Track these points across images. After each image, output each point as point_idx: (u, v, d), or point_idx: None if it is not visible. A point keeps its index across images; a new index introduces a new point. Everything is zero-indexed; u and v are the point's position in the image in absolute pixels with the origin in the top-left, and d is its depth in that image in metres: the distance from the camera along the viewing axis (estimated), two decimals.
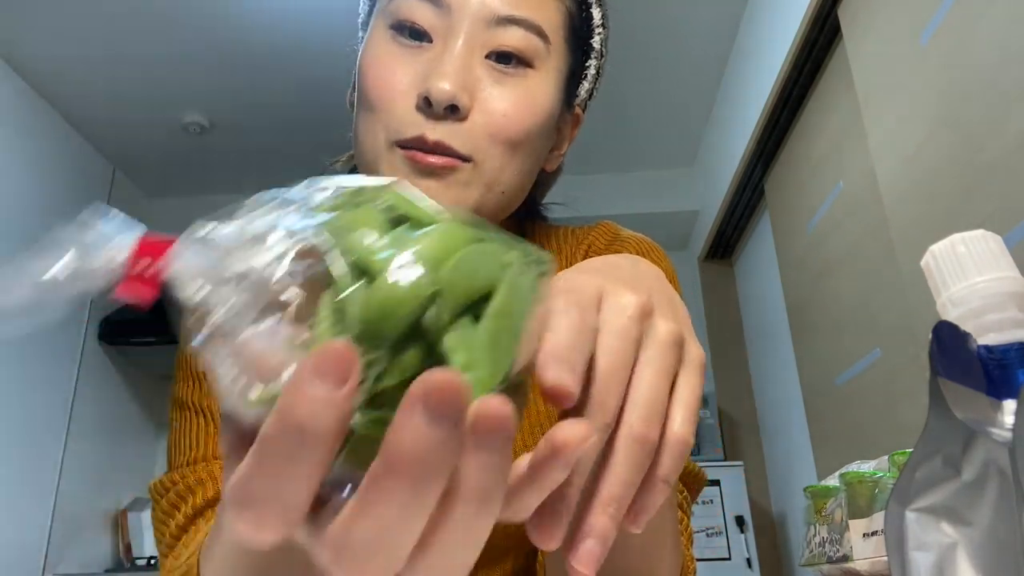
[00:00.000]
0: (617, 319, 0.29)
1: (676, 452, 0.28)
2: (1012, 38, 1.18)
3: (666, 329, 0.30)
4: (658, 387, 0.29)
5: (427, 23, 0.56)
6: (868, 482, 0.74)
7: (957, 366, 0.36)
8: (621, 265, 0.35)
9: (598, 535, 0.27)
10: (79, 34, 2.51)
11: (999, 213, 1.20)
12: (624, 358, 0.28)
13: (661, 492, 0.28)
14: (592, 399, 0.27)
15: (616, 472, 0.27)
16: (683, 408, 0.29)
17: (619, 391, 0.28)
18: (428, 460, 0.20)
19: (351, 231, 0.25)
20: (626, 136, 3.19)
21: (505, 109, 0.56)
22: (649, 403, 0.28)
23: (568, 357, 0.26)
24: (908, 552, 0.35)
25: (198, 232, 0.26)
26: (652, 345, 0.29)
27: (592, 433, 0.24)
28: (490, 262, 0.26)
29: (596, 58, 0.66)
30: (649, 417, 0.28)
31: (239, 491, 0.21)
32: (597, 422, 0.27)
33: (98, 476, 2.95)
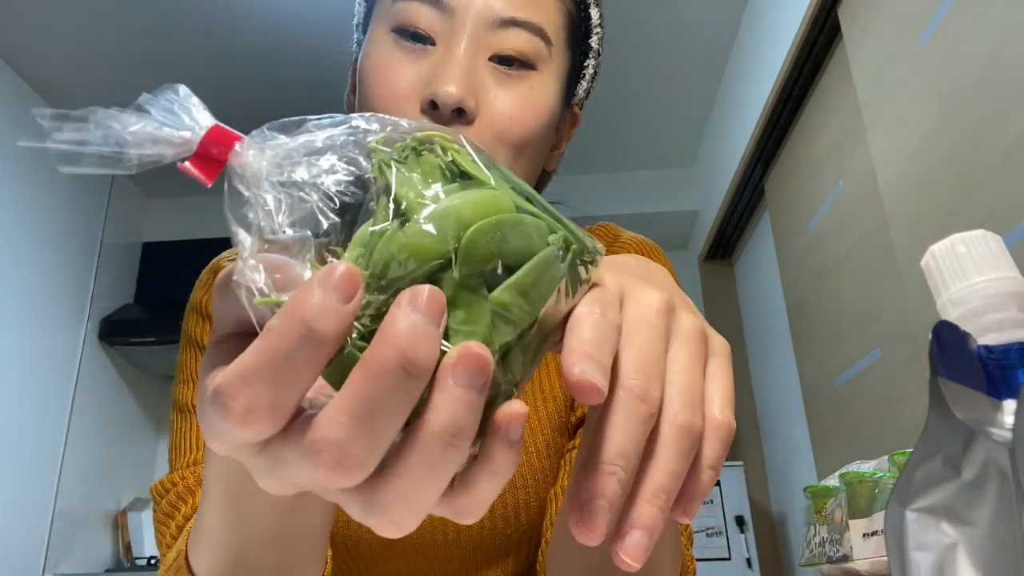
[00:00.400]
0: (644, 314, 0.29)
1: (720, 437, 0.29)
2: (1012, 38, 1.18)
3: (691, 322, 0.31)
4: (694, 375, 0.29)
5: (429, 26, 0.56)
6: (868, 482, 0.74)
7: (957, 366, 0.36)
8: (633, 264, 0.35)
9: (645, 526, 0.26)
10: (79, 34, 2.51)
11: (999, 213, 1.20)
12: (657, 350, 0.28)
13: (709, 480, 0.28)
14: (630, 392, 0.27)
15: (663, 462, 0.27)
16: (720, 394, 0.30)
17: (658, 381, 0.28)
18: (397, 376, 0.22)
19: (406, 173, 0.26)
20: (626, 136, 3.19)
21: (510, 111, 0.57)
22: (688, 391, 0.28)
23: (594, 353, 0.26)
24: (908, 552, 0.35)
25: (265, 134, 0.28)
26: (680, 336, 0.30)
27: (525, 409, 0.24)
28: (526, 236, 0.26)
29: (594, 57, 0.67)
30: (691, 404, 0.28)
31: (234, 379, 0.22)
32: (640, 414, 0.27)
33: (98, 476, 2.95)
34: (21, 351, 2.59)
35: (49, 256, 2.78)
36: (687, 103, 3.01)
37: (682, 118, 3.11)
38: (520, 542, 0.62)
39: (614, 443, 0.26)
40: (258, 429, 0.22)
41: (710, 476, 0.29)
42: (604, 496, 0.26)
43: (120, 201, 3.23)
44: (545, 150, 0.63)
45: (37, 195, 2.72)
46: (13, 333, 2.55)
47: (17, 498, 2.52)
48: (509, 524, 0.60)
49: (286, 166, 0.27)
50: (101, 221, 3.11)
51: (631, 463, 0.27)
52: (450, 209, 0.25)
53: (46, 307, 2.75)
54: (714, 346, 0.31)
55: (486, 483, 0.24)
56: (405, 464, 0.23)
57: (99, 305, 3.04)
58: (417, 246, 0.24)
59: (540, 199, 0.28)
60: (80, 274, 2.97)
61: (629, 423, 0.27)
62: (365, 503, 0.23)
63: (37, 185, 2.73)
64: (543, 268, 0.26)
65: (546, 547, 0.55)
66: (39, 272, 2.72)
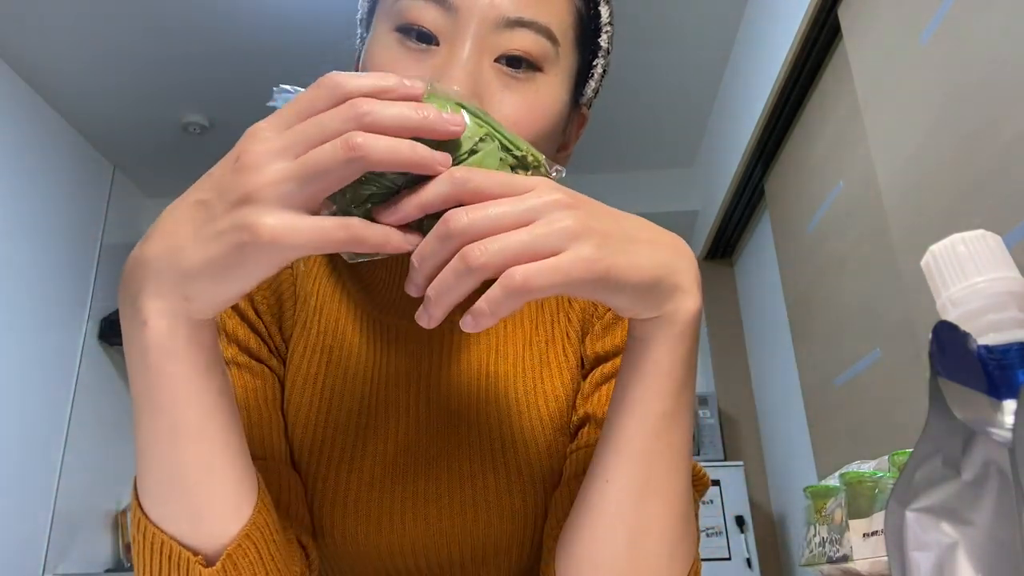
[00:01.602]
0: (527, 195, 0.39)
1: (501, 284, 0.37)
2: (1012, 38, 1.18)
3: (565, 221, 0.38)
4: (516, 239, 0.37)
5: (434, 25, 0.55)
6: (868, 482, 0.74)
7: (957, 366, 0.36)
8: (621, 213, 0.45)
9: (426, 303, 0.39)
10: (79, 34, 2.51)
11: (999, 213, 1.20)
12: (506, 211, 0.38)
13: (483, 314, 0.38)
14: (444, 220, 0.38)
15: (442, 274, 0.38)
16: (536, 266, 0.37)
17: (473, 228, 0.37)
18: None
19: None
20: (626, 136, 3.19)
21: (515, 115, 0.55)
22: (497, 241, 0.37)
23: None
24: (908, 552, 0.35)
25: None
26: (542, 219, 0.38)
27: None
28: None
29: (603, 57, 0.65)
30: (485, 247, 0.37)
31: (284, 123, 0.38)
32: (439, 232, 0.38)
33: (98, 476, 2.95)
34: (21, 351, 2.59)
35: (49, 256, 2.78)
36: (687, 103, 3.01)
37: (682, 118, 3.11)
38: (522, 543, 0.62)
39: (419, 247, 0.39)
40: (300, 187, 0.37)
41: (482, 309, 0.37)
42: (411, 274, 0.40)
43: (120, 201, 3.23)
44: (551, 152, 0.62)
45: (37, 195, 2.72)
46: (13, 333, 2.55)
47: (17, 498, 2.51)
48: (511, 524, 0.60)
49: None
50: (101, 221, 3.11)
51: (424, 264, 0.39)
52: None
53: (46, 307, 2.75)
54: (578, 248, 0.38)
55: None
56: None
57: (99, 305, 3.04)
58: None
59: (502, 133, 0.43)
60: (80, 274, 2.97)
61: (431, 236, 0.38)
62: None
63: (37, 185, 2.73)
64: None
65: (553, 543, 0.55)
66: (39, 272, 2.72)
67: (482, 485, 0.60)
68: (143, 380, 0.41)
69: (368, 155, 0.36)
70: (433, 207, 0.39)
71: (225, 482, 0.45)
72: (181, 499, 0.44)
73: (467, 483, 0.60)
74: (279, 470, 0.58)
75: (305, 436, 0.61)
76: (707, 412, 3.07)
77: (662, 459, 0.45)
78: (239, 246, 0.36)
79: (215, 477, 0.44)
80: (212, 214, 0.37)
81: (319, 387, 0.63)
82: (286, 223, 0.36)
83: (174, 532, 0.45)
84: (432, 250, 0.38)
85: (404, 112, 0.37)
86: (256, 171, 0.36)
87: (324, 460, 0.61)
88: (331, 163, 0.36)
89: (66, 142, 2.91)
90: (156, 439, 0.42)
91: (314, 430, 0.61)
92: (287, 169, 0.36)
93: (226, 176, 0.37)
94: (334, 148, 0.36)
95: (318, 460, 0.61)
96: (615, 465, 0.46)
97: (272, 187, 0.36)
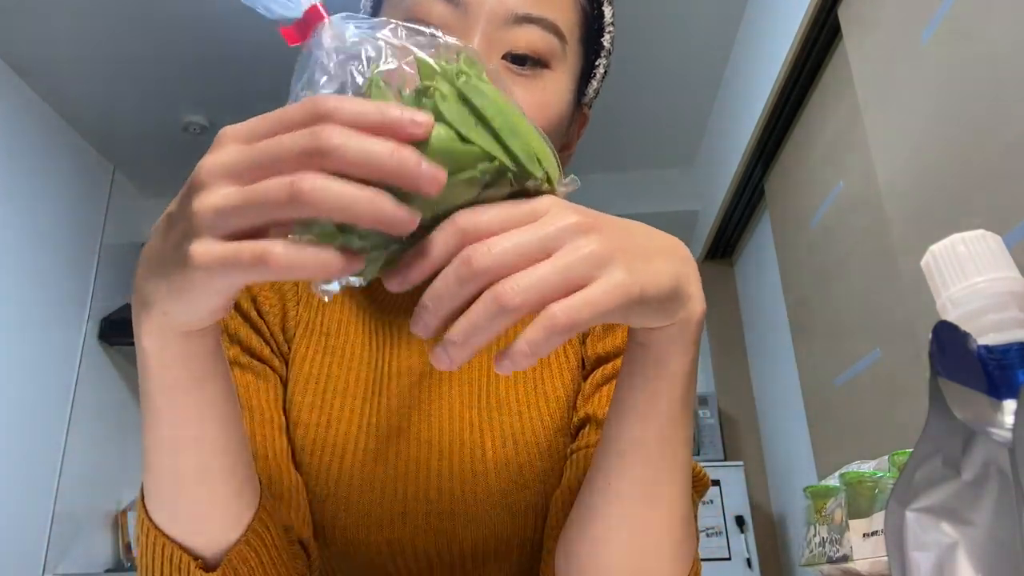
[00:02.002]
0: (543, 223, 0.35)
1: (543, 325, 0.34)
2: (1012, 38, 1.18)
3: (590, 246, 0.35)
4: (547, 273, 0.34)
5: (442, 21, 0.55)
6: (868, 482, 0.74)
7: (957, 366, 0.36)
8: (625, 221, 0.41)
9: (444, 345, 0.34)
10: (79, 34, 2.51)
11: (999, 213, 1.20)
12: (521, 239, 0.34)
13: (521, 353, 0.34)
14: (462, 255, 0.34)
15: (471, 313, 0.34)
16: (573, 299, 0.34)
17: (496, 260, 0.34)
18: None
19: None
20: (626, 136, 3.19)
21: (523, 111, 0.56)
22: (527, 277, 0.34)
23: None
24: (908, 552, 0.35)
25: (347, 19, 0.38)
26: (567, 249, 0.35)
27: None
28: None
29: (605, 56, 0.66)
30: (517, 285, 0.33)
31: (241, 155, 0.34)
32: (460, 272, 0.34)
33: (98, 476, 2.95)
34: (21, 351, 2.59)
35: (49, 256, 2.78)
36: (687, 103, 3.01)
37: (682, 118, 3.11)
38: (522, 543, 0.62)
39: (433, 286, 0.34)
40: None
41: (522, 350, 0.34)
42: (418, 315, 0.35)
43: (120, 201, 3.23)
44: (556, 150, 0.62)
45: (37, 195, 2.72)
46: (13, 333, 2.55)
47: (17, 498, 2.51)
48: (511, 525, 0.60)
49: (354, 49, 0.37)
50: (101, 221, 3.11)
51: (441, 305, 0.34)
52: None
53: (46, 307, 2.75)
54: (611, 275, 0.35)
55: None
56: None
57: (99, 305, 3.04)
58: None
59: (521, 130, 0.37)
60: (80, 274, 2.97)
61: (448, 275, 0.34)
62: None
63: (37, 185, 2.73)
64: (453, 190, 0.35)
65: (553, 544, 0.55)
66: (39, 272, 2.72)
67: (483, 484, 0.60)
68: (143, 388, 0.41)
69: (316, 205, 0.31)
70: (444, 264, 0.35)
71: (225, 490, 0.45)
72: (181, 505, 0.45)
73: (468, 483, 0.60)
74: (281, 469, 0.59)
75: (307, 435, 0.61)
76: (707, 412, 3.07)
77: (665, 463, 0.45)
78: (183, 271, 0.34)
79: (214, 485, 0.44)
80: (168, 232, 0.35)
81: (321, 387, 0.63)
82: (214, 254, 0.32)
83: (175, 535, 0.45)
84: (451, 292, 0.34)
85: (374, 154, 0.31)
86: (202, 193, 0.33)
87: (325, 459, 0.61)
88: (274, 204, 0.31)
89: (66, 142, 2.91)
90: (157, 446, 0.42)
91: (316, 429, 0.61)
92: (230, 196, 0.32)
93: (184, 189, 0.35)
94: (279, 188, 0.31)
95: (319, 459, 0.61)
96: (618, 470, 0.46)
97: (212, 215, 0.32)
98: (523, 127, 0.36)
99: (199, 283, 0.33)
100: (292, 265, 0.31)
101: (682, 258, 0.42)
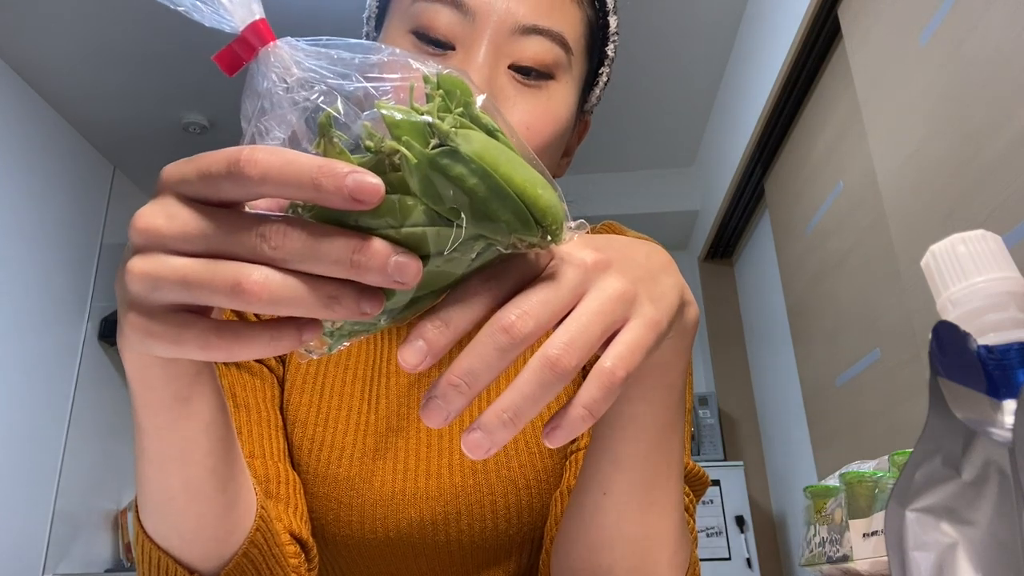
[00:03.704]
0: (563, 267, 0.32)
1: (601, 383, 0.31)
2: (1012, 38, 1.18)
3: (614, 283, 0.33)
4: (588, 324, 0.31)
5: (450, 31, 0.55)
6: (868, 482, 0.74)
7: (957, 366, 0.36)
8: (615, 238, 0.38)
9: (485, 429, 0.30)
10: (79, 33, 2.51)
11: (999, 213, 1.20)
12: (552, 295, 0.31)
13: (580, 417, 0.31)
14: (497, 322, 0.30)
15: (519, 383, 0.30)
16: (619, 347, 0.32)
17: (534, 319, 0.30)
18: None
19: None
20: (626, 136, 3.19)
21: (528, 122, 0.56)
22: (572, 333, 0.31)
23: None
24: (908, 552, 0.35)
25: (295, 45, 0.32)
26: (595, 291, 0.32)
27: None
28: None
29: (608, 65, 0.66)
30: (569, 345, 0.30)
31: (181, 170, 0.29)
32: (499, 342, 0.30)
33: (98, 476, 2.95)
34: (21, 351, 2.59)
35: (49, 256, 2.78)
36: (687, 103, 3.01)
37: (682, 118, 3.11)
38: (522, 543, 0.62)
39: (465, 361, 0.30)
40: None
41: (581, 415, 0.31)
42: (446, 400, 0.30)
43: (120, 201, 3.23)
44: (557, 158, 0.62)
45: (37, 195, 2.72)
46: (13, 333, 2.55)
47: (17, 498, 2.51)
48: (511, 525, 0.60)
49: (294, 79, 0.31)
50: (101, 221, 3.11)
51: (478, 381, 0.30)
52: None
53: (46, 307, 2.75)
54: (641, 312, 0.33)
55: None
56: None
57: (99, 305, 3.04)
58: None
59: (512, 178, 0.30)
60: (80, 274, 2.97)
61: (485, 347, 0.30)
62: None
63: (37, 185, 2.73)
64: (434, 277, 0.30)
65: (551, 545, 0.55)
66: (39, 272, 2.72)
67: (484, 484, 0.60)
68: (132, 404, 0.39)
69: (263, 304, 0.28)
70: (465, 333, 0.31)
71: (214, 506, 0.44)
72: (171, 520, 0.44)
73: (468, 483, 0.60)
74: (278, 468, 0.59)
75: (304, 435, 0.61)
76: (707, 412, 3.06)
77: (660, 469, 0.45)
78: (122, 328, 0.31)
79: (203, 501, 0.43)
80: (118, 272, 0.32)
81: (319, 386, 0.63)
82: (139, 329, 0.30)
83: (169, 548, 0.45)
84: (492, 365, 0.30)
85: (331, 258, 0.28)
86: (137, 259, 0.29)
87: (323, 458, 0.61)
88: (214, 293, 0.28)
89: (66, 142, 2.91)
90: (144, 461, 0.41)
91: (313, 428, 0.61)
92: (162, 272, 0.29)
93: (129, 237, 0.31)
94: (223, 282, 0.28)
95: (317, 458, 0.61)
96: (613, 476, 0.45)
97: (143, 289, 0.29)
98: (517, 181, 0.30)
99: (137, 346, 0.31)
100: (231, 349, 0.29)
101: (674, 267, 0.41)
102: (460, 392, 0.30)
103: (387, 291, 0.29)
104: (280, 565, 0.50)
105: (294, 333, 0.29)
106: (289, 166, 0.27)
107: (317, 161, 0.27)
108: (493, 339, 0.30)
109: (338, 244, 0.28)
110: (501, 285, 0.31)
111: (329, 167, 0.27)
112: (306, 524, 0.58)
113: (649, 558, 0.47)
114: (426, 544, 0.60)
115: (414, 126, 0.29)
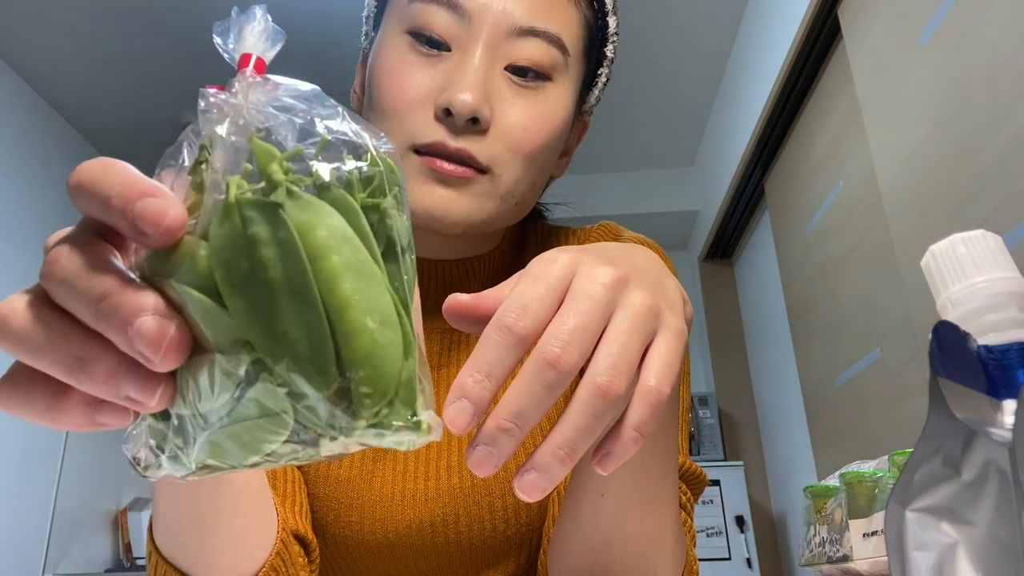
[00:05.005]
0: (587, 285, 0.31)
1: (649, 402, 0.30)
2: (1012, 38, 1.18)
3: (640, 297, 0.32)
4: (626, 343, 0.30)
5: (446, 32, 0.55)
6: (868, 482, 0.74)
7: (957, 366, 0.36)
8: (608, 247, 0.36)
9: (541, 469, 0.28)
10: (79, 33, 2.51)
11: (999, 213, 1.20)
12: (588, 319, 0.30)
13: (632, 440, 0.30)
14: (542, 356, 0.29)
15: (571, 416, 0.29)
16: (658, 363, 0.31)
17: (577, 348, 0.29)
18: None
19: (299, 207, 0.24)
20: (626, 136, 3.19)
21: (525, 123, 0.56)
22: (615, 356, 0.30)
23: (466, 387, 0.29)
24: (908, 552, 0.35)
25: (242, 88, 0.28)
26: (624, 309, 0.31)
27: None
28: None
29: (607, 66, 0.66)
30: (614, 369, 0.29)
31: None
32: (547, 379, 0.28)
33: (98, 476, 2.95)
34: None
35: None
36: (687, 103, 3.01)
37: (682, 118, 3.11)
38: (521, 543, 0.62)
39: (512, 402, 0.28)
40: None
41: (633, 437, 0.30)
42: (496, 446, 0.28)
43: None
44: (555, 159, 0.62)
45: (37, 195, 2.72)
46: None
47: (17, 498, 2.51)
48: (509, 525, 0.60)
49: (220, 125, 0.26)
50: None
51: (528, 422, 0.28)
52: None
53: None
54: (666, 323, 0.33)
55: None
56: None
57: None
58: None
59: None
60: None
61: (532, 386, 0.28)
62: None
63: (37, 185, 2.73)
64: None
65: (548, 544, 0.55)
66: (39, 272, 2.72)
67: (482, 486, 0.60)
68: None
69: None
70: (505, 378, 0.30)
71: (226, 537, 0.45)
72: (183, 548, 0.45)
73: (467, 485, 0.60)
74: (282, 468, 0.59)
75: None
76: (707, 412, 3.06)
77: (656, 469, 0.45)
78: None
79: (214, 534, 0.44)
80: None
81: None
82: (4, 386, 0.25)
83: (178, 566, 0.46)
84: (539, 403, 0.28)
85: (71, 281, 0.24)
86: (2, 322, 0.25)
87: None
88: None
89: (66, 142, 2.91)
90: (156, 490, 0.42)
91: None
92: (17, 342, 0.24)
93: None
94: (60, 363, 0.24)
95: None
96: (610, 477, 0.45)
97: (10, 349, 0.25)
98: (343, 291, 0.22)
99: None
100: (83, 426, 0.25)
101: (669, 268, 0.40)
102: (511, 436, 0.28)
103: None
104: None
105: (82, 410, 0.24)
106: (104, 176, 0.24)
107: (135, 181, 0.23)
108: (540, 376, 0.28)
109: (96, 282, 0.23)
110: (537, 308, 0.30)
111: (134, 187, 0.23)
112: (307, 519, 0.59)
113: (647, 558, 0.47)
114: (425, 545, 0.60)
115: (269, 159, 0.23)
